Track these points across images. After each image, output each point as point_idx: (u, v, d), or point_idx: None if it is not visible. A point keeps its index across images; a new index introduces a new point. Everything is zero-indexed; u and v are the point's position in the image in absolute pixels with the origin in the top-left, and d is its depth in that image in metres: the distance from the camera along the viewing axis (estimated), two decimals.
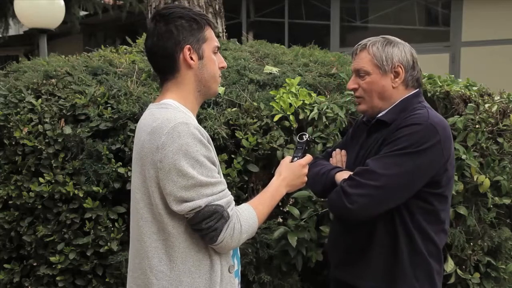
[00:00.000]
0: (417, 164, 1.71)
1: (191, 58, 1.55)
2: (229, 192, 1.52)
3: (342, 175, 1.84)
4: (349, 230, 1.90)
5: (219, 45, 1.63)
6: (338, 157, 2.02)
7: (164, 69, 1.58)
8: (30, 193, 2.48)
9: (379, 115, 1.88)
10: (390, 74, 1.84)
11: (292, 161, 1.74)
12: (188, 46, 1.54)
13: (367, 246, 1.83)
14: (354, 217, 1.78)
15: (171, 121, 1.45)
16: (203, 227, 1.44)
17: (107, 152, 2.41)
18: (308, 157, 1.77)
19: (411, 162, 1.71)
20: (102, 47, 3.43)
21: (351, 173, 1.81)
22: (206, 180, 1.44)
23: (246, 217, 1.51)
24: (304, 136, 1.83)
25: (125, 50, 3.35)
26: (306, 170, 1.74)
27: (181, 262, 1.48)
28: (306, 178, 1.75)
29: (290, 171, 1.70)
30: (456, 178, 2.47)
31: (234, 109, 2.54)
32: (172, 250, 1.48)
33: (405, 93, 1.87)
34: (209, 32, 1.59)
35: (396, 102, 1.86)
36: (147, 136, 1.47)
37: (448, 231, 1.92)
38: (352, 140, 2.04)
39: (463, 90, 2.71)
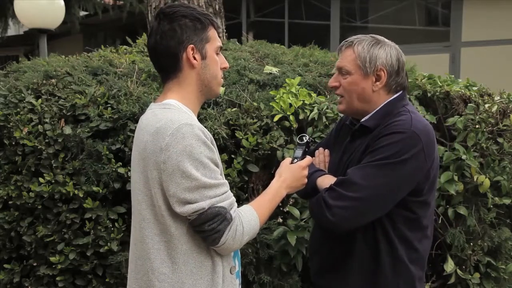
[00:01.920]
0: (400, 174, 1.66)
1: (194, 58, 1.54)
2: (232, 194, 1.51)
3: (324, 181, 1.79)
4: (330, 237, 1.84)
5: (221, 45, 1.62)
6: (321, 157, 1.96)
7: (166, 68, 1.57)
8: (30, 193, 2.48)
9: (362, 120, 1.81)
10: (371, 76, 1.76)
11: (292, 163, 1.73)
12: (191, 45, 1.53)
13: (348, 254, 1.78)
14: (336, 229, 1.72)
15: (175, 122, 1.43)
16: (206, 229, 1.43)
17: (107, 152, 2.41)
18: (308, 159, 1.75)
19: (393, 172, 1.65)
20: (102, 47, 3.43)
21: (333, 178, 1.77)
22: (210, 182, 1.43)
23: (248, 219, 1.50)
24: (304, 138, 1.82)
25: (125, 50, 3.35)
26: (306, 172, 1.73)
27: (183, 264, 1.47)
28: (306, 180, 1.73)
29: (290, 173, 1.69)
30: (456, 178, 2.48)
31: (234, 109, 2.54)
32: (174, 251, 1.47)
33: (387, 98, 1.80)
34: (212, 32, 1.58)
35: (380, 106, 1.78)
36: (150, 137, 1.46)
37: (431, 236, 1.87)
38: (335, 142, 1.98)
39: (463, 90, 2.71)
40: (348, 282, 1.79)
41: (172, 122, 1.44)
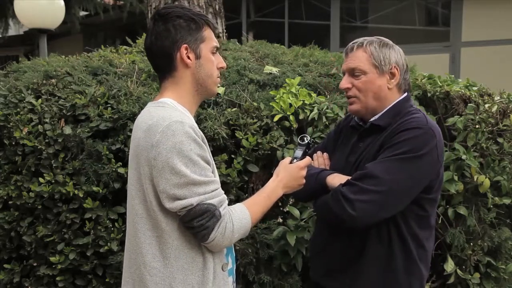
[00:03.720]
0: (419, 168, 1.69)
1: (188, 57, 1.56)
2: (222, 192, 1.53)
3: (334, 179, 1.79)
4: (340, 236, 1.83)
5: (218, 46, 1.64)
6: (321, 160, 1.97)
7: (162, 67, 1.60)
8: (30, 193, 2.48)
9: (372, 119, 1.83)
10: (386, 75, 1.80)
11: (291, 163, 1.73)
12: (185, 45, 1.55)
13: (360, 252, 1.78)
14: (357, 224, 1.71)
15: (166, 119, 1.46)
16: (195, 225, 1.46)
17: (107, 152, 2.41)
18: (307, 159, 1.75)
19: (414, 166, 1.68)
20: (102, 47, 3.43)
21: (344, 176, 1.77)
22: (199, 179, 1.45)
23: (239, 217, 1.52)
24: (305, 138, 1.82)
25: (125, 50, 3.35)
26: (304, 173, 1.73)
27: (174, 259, 1.49)
28: (304, 180, 1.73)
29: (288, 173, 1.70)
30: (456, 178, 2.48)
31: (234, 109, 2.54)
32: (165, 246, 1.49)
33: (398, 96, 1.84)
34: (208, 32, 1.60)
35: (389, 106, 1.82)
36: (143, 133, 1.50)
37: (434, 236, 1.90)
38: (337, 144, 1.98)
39: (463, 90, 2.71)
40: (361, 281, 1.79)
41: (163, 120, 1.46)
